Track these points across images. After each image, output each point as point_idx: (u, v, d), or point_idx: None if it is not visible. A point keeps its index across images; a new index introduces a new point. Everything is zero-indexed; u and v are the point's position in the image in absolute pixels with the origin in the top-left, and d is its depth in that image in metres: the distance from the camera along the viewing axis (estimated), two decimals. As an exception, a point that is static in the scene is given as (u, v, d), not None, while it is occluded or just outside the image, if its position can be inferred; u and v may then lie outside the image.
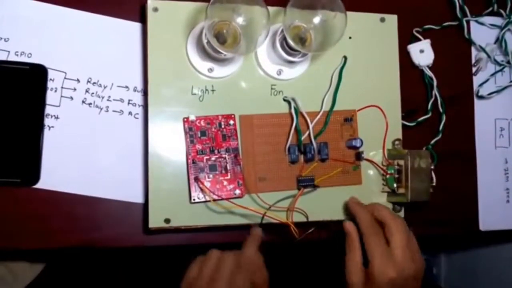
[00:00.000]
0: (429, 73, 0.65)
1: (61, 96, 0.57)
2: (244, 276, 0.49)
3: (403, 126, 0.60)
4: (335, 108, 0.56)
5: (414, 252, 0.51)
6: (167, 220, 0.52)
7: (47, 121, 0.56)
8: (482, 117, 0.68)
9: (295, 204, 0.54)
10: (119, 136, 0.57)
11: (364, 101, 0.58)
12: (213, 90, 0.55)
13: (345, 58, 0.58)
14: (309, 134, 0.55)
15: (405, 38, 0.65)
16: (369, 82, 0.59)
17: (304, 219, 0.55)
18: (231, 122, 0.54)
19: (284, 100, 0.56)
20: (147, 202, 0.54)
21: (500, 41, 0.67)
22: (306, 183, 0.55)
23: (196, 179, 0.52)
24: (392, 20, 0.60)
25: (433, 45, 0.65)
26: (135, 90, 0.58)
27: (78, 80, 0.57)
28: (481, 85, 0.68)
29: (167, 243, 0.58)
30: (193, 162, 0.53)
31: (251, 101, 0.55)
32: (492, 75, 0.68)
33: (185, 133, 0.53)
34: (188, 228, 0.53)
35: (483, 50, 0.67)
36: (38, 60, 0.56)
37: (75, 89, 0.57)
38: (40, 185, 0.55)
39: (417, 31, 0.65)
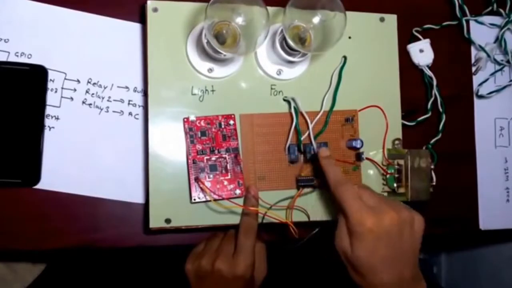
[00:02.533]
0: (429, 72, 0.65)
1: (61, 97, 0.57)
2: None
3: (403, 125, 0.60)
4: (335, 108, 0.56)
5: (391, 203, 0.47)
6: (167, 220, 0.52)
7: (48, 122, 0.56)
8: (482, 117, 0.68)
9: (294, 204, 0.54)
10: (119, 137, 0.58)
11: (363, 101, 0.58)
12: (213, 90, 0.55)
13: (345, 58, 0.58)
14: (309, 134, 0.55)
15: (405, 38, 0.65)
16: (369, 82, 0.59)
17: (304, 219, 0.55)
18: (231, 122, 0.54)
19: (284, 100, 0.56)
20: (147, 202, 0.54)
21: (499, 40, 0.67)
22: (305, 183, 0.55)
23: (197, 179, 0.52)
24: (391, 20, 0.60)
25: (433, 45, 0.65)
26: (135, 90, 0.59)
27: (78, 81, 0.57)
28: (480, 84, 0.68)
29: (167, 243, 0.58)
30: (194, 162, 0.53)
31: (251, 101, 0.55)
32: (492, 74, 0.68)
33: (185, 133, 0.53)
34: (188, 228, 0.53)
35: (483, 49, 0.67)
36: (38, 61, 0.56)
37: (75, 90, 0.57)
38: (40, 185, 0.55)
39: (417, 31, 0.65)
